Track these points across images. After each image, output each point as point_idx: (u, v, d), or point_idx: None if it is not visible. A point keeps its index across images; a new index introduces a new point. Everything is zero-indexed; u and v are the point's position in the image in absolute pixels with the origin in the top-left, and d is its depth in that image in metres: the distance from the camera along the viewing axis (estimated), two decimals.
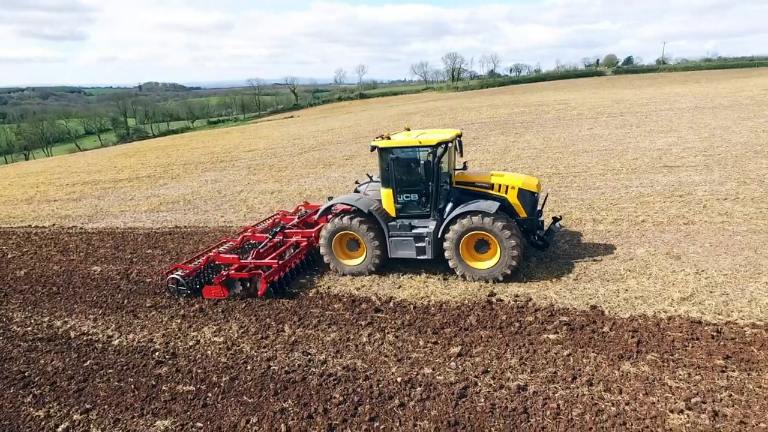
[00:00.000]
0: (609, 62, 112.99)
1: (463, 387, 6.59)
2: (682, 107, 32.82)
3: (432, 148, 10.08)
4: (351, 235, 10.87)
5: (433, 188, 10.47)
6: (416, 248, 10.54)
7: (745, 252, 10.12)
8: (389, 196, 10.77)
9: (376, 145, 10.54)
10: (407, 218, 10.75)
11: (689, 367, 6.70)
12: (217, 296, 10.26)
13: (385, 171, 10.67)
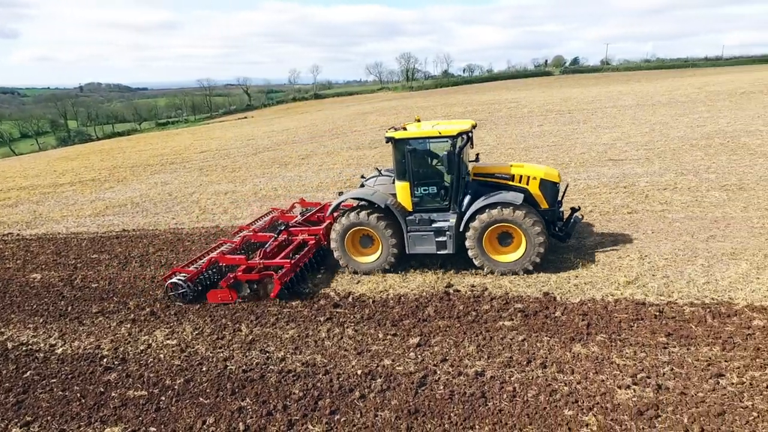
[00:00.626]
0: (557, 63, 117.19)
1: (422, 376, 6.66)
2: (625, 105, 34.50)
3: (452, 139, 9.75)
4: (365, 231, 10.39)
5: (454, 180, 10.06)
6: (436, 243, 10.17)
7: (683, 237, 10.74)
8: (406, 190, 10.23)
9: (391, 137, 10.03)
10: (425, 212, 10.27)
11: (635, 345, 7.04)
12: (225, 300, 9.59)
13: (401, 163, 10.16)
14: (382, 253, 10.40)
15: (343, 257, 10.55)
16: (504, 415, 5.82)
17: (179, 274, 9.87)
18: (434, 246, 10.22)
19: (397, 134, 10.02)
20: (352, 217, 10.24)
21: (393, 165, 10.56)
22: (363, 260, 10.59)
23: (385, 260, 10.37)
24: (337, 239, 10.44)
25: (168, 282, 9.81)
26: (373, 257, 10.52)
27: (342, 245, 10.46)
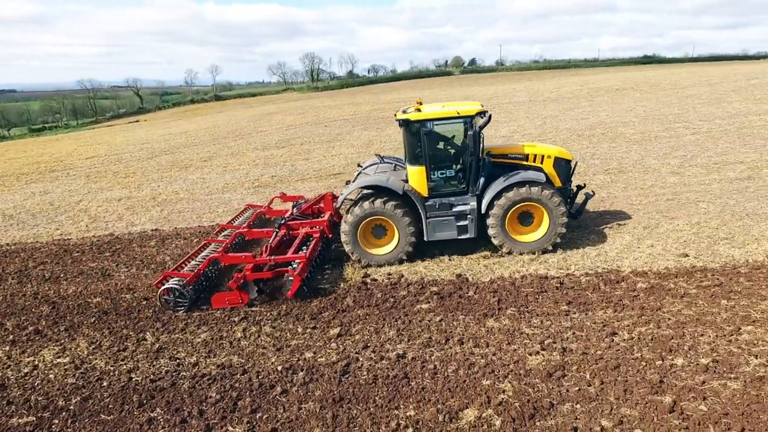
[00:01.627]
0: (456, 63, 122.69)
1: (345, 364, 6.59)
2: (519, 101, 37.04)
3: (471, 119, 9.44)
4: (378, 221, 9.84)
5: (473, 162, 9.68)
6: (457, 228, 9.84)
7: None
8: (421, 174, 9.72)
9: (406, 118, 9.56)
10: (442, 197, 9.85)
11: (541, 315, 7.55)
12: (234, 304, 8.56)
13: (416, 146, 9.69)
14: (399, 242, 9.86)
15: (356, 250, 9.91)
16: (427, 392, 5.94)
17: (174, 279, 8.76)
18: (455, 231, 9.89)
19: (413, 116, 9.55)
20: (367, 207, 9.62)
21: (405, 149, 10.12)
22: (377, 252, 10.02)
23: (402, 250, 9.87)
24: (349, 231, 9.75)
25: (162, 289, 8.64)
26: (389, 248, 9.98)
27: (354, 237, 9.79)
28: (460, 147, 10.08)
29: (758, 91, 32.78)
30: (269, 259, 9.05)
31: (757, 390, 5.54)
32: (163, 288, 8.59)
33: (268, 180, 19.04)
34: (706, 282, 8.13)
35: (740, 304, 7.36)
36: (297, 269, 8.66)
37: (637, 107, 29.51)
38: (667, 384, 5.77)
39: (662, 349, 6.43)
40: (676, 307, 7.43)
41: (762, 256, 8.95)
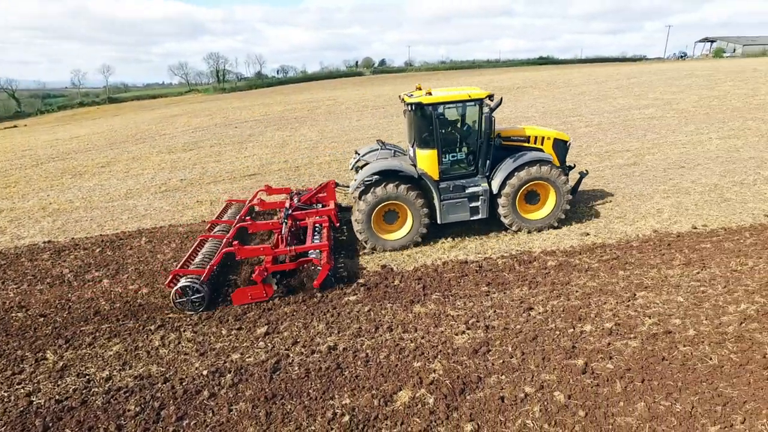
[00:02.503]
0: (367, 64, 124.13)
1: (275, 362, 6.42)
2: None
3: (482, 102, 9.61)
4: (390, 206, 9.83)
5: (484, 144, 9.81)
6: (470, 209, 10.02)
7: None
8: (432, 158, 9.73)
9: (419, 102, 9.43)
10: (451, 179, 9.94)
11: (464, 297, 7.88)
12: (257, 299, 8.06)
13: (426, 130, 9.65)
14: (412, 226, 9.93)
15: (370, 237, 9.85)
16: (361, 379, 5.96)
17: (187, 277, 8.04)
18: (468, 212, 10.07)
19: (426, 99, 9.45)
20: (380, 192, 9.57)
21: (413, 133, 10.03)
22: (390, 237, 10.01)
23: (416, 233, 9.96)
24: (362, 217, 9.69)
25: (175, 289, 7.90)
26: (402, 232, 10.03)
27: (368, 224, 9.74)
28: (470, 130, 10.11)
29: (637, 88, 36.71)
30: (289, 250, 8.60)
31: (652, 345, 6.22)
32: (177, 288, 7.93)
33: (177, 183, 17.97)
34: (605, 256, 8.97)
35: (634, 273, 8.21)
36: (323, 258, 8.41)
37: (537, 104, 31.77)
38: (578, 349, 6.29)
39: (572, 319, 6.99)
40: (581, 280, 8.12)
41: (649, 231, 10.04)
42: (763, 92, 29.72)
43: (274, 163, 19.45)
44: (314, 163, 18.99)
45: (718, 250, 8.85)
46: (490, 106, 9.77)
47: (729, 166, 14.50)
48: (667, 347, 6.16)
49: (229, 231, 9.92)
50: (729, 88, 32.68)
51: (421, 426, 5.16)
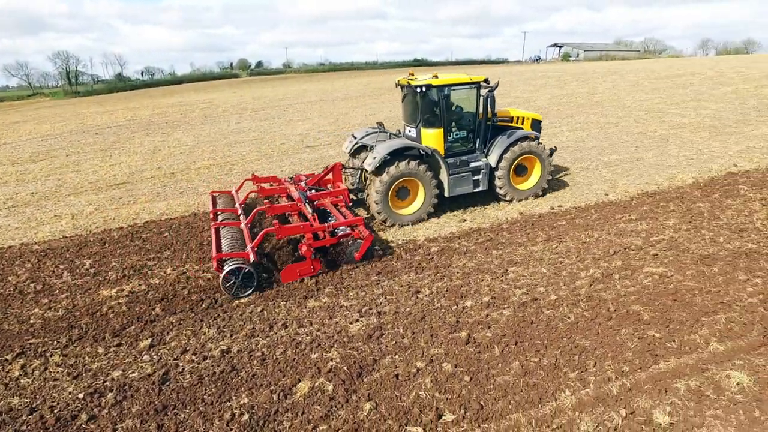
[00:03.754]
0: (242, 65, 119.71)
1: (163, 373, 6.07)
2: (311, 101, 38.19)
3: (479, 84, 10.83)
4: (403, 183, 10.60)
5: (482, 124, 11.08)
6: (473, 182, 11.19)
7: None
8: (439, 136, 10.80)
9: (428, 84, 10.37)
10: (455, 156, 11.06)
11: (356, 288, 8.13)
12: (305, 274, 8.47)
13: (433, 110, 10.73)
14: (424, 201, 10.78)
15: (386, 212, 10.54)
16: (258, 377, 5.90)
17: (234, 260, 8.02)
18: (471, 185, 11.25)
19: (435, 81, 10.38)
20: (394, 170, 10.21)
21: (419, 114, 10.88)
22: (404, 212, 10.84)
23: (427, 207, 10.87)
24: (381, 193, 10.32)
25: (225, 273, 7.81)
26: (414, 207, 10.87)
27: (386, 200, 10.42)
28: (471, 110, 11.22)
29: (502, 88, 40.18)
30: (327, 226, 8.88)
31: (522, 312, 7.02)
32: (226, 272, 7.81)
33: (27, 198, 15.83)
34: (481, 239, 9.83)
35: (506, 252, 9.13)
36: (364, 232, 8.90)
37: None
38: (461, 322, 6.87)
39: (455, 297, 7.60)
40: (461, 262, 8.83)
41: (516, 214, 11.20)
42: (600, 91, 34.46)
43: (145, 171, 18.04)
44: (192, 169, 18.00)
45: (571, 226, 10.18)
46: (489, 87, 10.91)
47: (577, 154, 16.66)
48: (534, 312, 6.99)
49: (237, 217, 10.26)
50: (575, 87, 37.34)
51: (321, 413, 5.27)
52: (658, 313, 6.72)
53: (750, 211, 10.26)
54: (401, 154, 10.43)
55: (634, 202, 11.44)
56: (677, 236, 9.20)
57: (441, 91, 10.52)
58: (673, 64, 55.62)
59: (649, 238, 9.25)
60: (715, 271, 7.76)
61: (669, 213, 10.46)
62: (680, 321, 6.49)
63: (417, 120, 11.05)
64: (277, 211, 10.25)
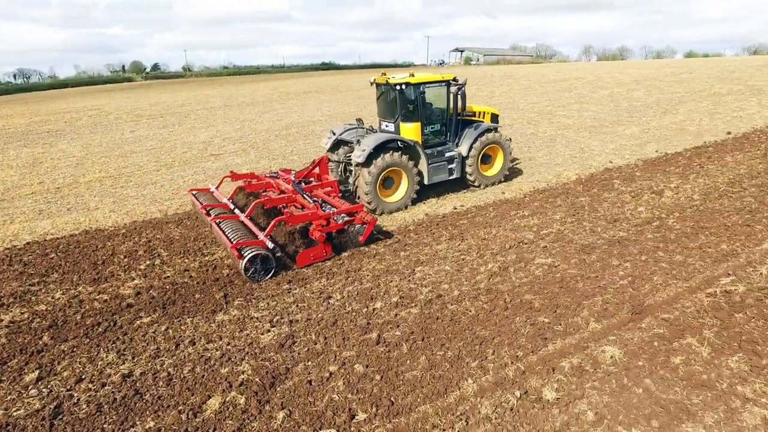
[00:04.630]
0: (136, 68, 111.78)
1: (55, 407, 5.61)
2: (214, 106, 36.72)
3: (449, 83, 12.14)
4: (389, 173, 11.54)
5: (453, 118, 12.47)
6: (448, 170, 12.47)
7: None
8: (417, 129, 11.93)
9: (406, 82, 11.47)
10: (431, 147, 12.23)
11: (267, 298, 8.06)
12: (318, 259, 9.23)
13: (410, 106, 11.77)
14: (408, 189, 11.85)
15: (375, 200, 11.40)
16: (165, 398, 5.67)
17: (251, 248, 8.52)
18: (447, 173, 12.55)
19: (412, 80, 11.51)
20: (381, 161, 11.17)
21: (397, 109, 11.88)
22: (390, 200, 11.81)
23: (410, 195, 11.96)
24: (370, 183, 11.19)
25: (245, 260, 8.32)
26: (398, 195, 11.89)
27: (375, 188, 11.30)
28: (442, 106, 12.49)
29: None
30: (332, 213, 9.53)
31: (428, 309, 7.41)
32: (247, 259, 8.33)
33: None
34: (389, 241, 10.17)
35: (413, 252, 9.54)
36: (367, 217, 9.75)
37: (323, 108, 33.40)
38: (372, 324, 7.10)
39: (366, 299, 7.82)
40: (371, 265, 9.09)
41: (422, 215, 11.71)
42: (497, 94, 36.85)
43: (24, 186, 16.31)
44: (81, 182, 16.59)
45: (472, 224, 10.87)
46: (458, 85, 12.20)
47: None
48: (439, 308, 7.41)
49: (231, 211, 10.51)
50: (475, 91, 39.47)
51: (234, 426, 5.21)
52: (547, 300, 7.44)
53: (622, 202, 11.63)
54: (384, 146, 11.38)
55: (527, 199, 12.47)
56: (563, 228, 10.20)
57: (417, 88, 11.74)
58: (560, 69, 60.95)
59: (540, 231, 10.15)
60: (594, 258, 8.73)
61: (556, 208, 11.55)
62: (565, 306, 7.24)
63: (396, 115, 12.08)
64: (276, 203, 10.60)
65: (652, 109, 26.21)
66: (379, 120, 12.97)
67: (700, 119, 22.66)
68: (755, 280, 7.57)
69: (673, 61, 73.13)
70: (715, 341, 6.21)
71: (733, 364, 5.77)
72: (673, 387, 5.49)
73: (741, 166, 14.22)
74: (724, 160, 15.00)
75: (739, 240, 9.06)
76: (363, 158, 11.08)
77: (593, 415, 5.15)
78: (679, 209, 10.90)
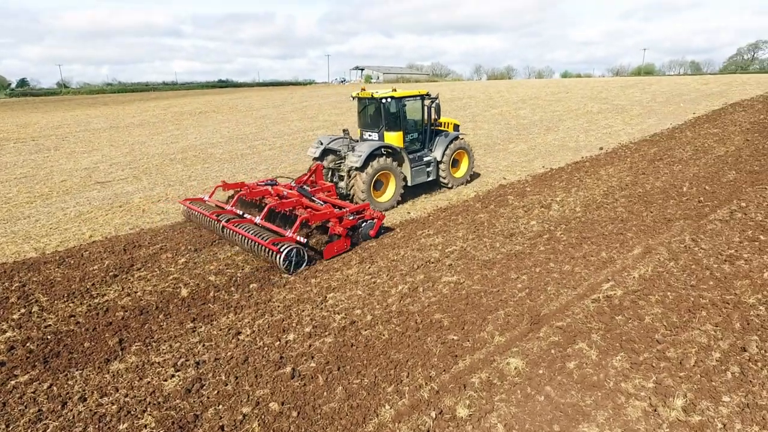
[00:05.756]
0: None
1: None
2: (98, 128, 33.77)
3: (424, 96, 13.95)
4: (379, 176, 12.98)
5: (428, 127, 14.33)
6: (427, 173, 14.23)
7: (197, 238, 12.00)
8: (399, 137, 13.58)
9: (390, 96, 13.16)
10: (412, 153, 13.89)
11: (169, 340, 7.52)
12: (340, 251, 10.57)
13: (394, 117, 13.46)
14: (395, 190, 13.45)
15: (369, 200, 12.52)
16: None
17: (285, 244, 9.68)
18: (426, 176, 14.42)
19: (397, 94, 13.27)
20: (375, 165, 12.67)
21: (382, 120, 13.51)
22: (381, 200, 13.30)
23: (397, 196, 13.60)
24: (366, 185, 12.55)
25: (283, 254, 9.52)
26: (387, 196, 13.46)
27: (369, 189, 12.66)
28: (419, 117, 14.36)
29: (310, 111, 41.49)
30: (345, 211, 10.79)
31: (342, 337, 7.39)
32: (285, 253, 9.50)
33: None
34: (300, 267, 9.99)
35: (324, 279, 9.47)
36: (375, 213, 11.32)
37: (222, 129, 32.19)
38: (285, 357, 6.92)
39: (277, 332, 7.61)
40: (282, 295, 8.87)
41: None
42: None
43: None
44: None
45: (381, 246, 11.07)
46: (431, 98, 14.03)
47: None
48: (353, 335, 7.42)
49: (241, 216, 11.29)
50: None
51: None
52: (455, 317, 7.77)
53: (516, 217, 12.57)
54: (376, 152, 12.95)
55: (431, 218, 12.99)
56: (465, 246, 10.76)
57: (400, 101, 13.58)
58: (455, 88, 64.62)
59: (445, 249, 10.61)
60: (495, 273, 9.31)
61: (458, 225, 12.17)
62: (472, 322, 7.62)
63: (380, 125, 13.74)
64: (287, 207, 11.42)
65: (537, 127, 28.74)
66: (361, 131, 14.56)
67: (578, 136, 25.28)
68: (629, 284, 8.56)
69: (552, 81, 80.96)
70: (602, 343, 6.90)
71: (617, 363, 6.45)
72: (569, 391, 5.99)
73: (612, 178, 16.07)
74: (598, 173, 16.85)
75: (614, 248, 10.20)
76: (360, 163, 12.56)
77: (503, 428, 5.45)
78: (565, 221, 12.02)
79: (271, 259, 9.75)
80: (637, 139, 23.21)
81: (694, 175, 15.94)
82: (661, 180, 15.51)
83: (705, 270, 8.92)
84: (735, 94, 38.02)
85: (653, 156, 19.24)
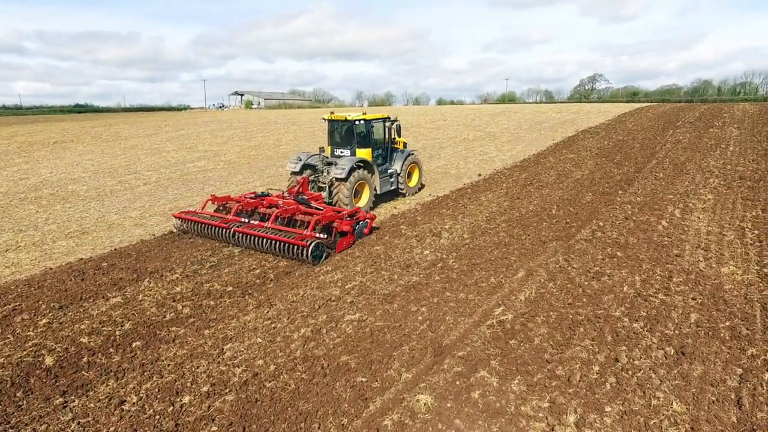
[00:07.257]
0: None
1: None
2: None
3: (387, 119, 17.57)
4: (358, 186, 15.86)
5: (390, 145, 18.02)
6: (390, 182, 17.81)
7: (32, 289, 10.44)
8: (369, 153, 16.76)
9: (362, 119, 16.45)
10: (379, 166, 17.18)
11: (32, 422, 6.41)
12: (348, 245, 12.92)
13: (364, 136, 16.66)
14: (369, 197, 16.48)
15: (351, 206, 15.00)
16: None
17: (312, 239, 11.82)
18: (389, 185, 17.75)
19: (367, 116, 16.57)
20: (356, 175, 15.61)
21: (354, 139, 16.56)
22: (359, 205, 15.88)
23: (370, 202, 16.58)
24: (350, 191, 15.36)
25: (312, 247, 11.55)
26: (363, 202, 16.35)
27: (351, 197, 15.45)
28: (382, 137, 17.49)
29: (187, 140, 39.12)
30: (343, 213, 13.30)
31: (245, 392, 6.90)
32: (312, 246, 11.54)
33: None
34: (190, 318, 9.20)
35: (218, 328, 8.82)
36: (367, 214, 14.08)
37: (84, 161, 29.02)
38: (182, 424, 6.26)
39: (170, 395, 6.87)
40: (171, 352, 8.06)
41: (219, 283, 10.96)
42: (284, 141, 37.62)
43: None
44: None
45: (279, 287, 10.66)
46: (391, 120, 17.44)
47: None
48: (257, 389, 6.97)
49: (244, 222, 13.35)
50: (261, 139, 39.63)
51: None
52: (362, 357, 7.70)
53: (410, 247, 12.96)
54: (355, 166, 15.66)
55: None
56: (365, 280, 10.80)
57: (369, 123, 16.62)
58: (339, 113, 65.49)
59: (345, 286, 10.54)
60: (396, 306, 9.45)
61: (356, 259, 12.20)
62: (379, 360, 7.61)
63: (352, 144, 16.53)
64: (290, 213, 13.32)
65: (420, 155, 30.23)
66: (332, 149, 17.27)
67: (458, 163, 27.09)
68: (518, 307, 9.24)
69: (429, 108, 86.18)
70: (500, 369, 7.30)
71: (515, 387, 6.86)
72: (476, 421, 6.22)
73: (492, 204, 17.41)
74: (479, 200, 18.16)
75: (501, 272, 10.98)
76: (344, 174, 15.18)
77: None
78: (455, 249, 12.69)
79: (296, 253, 11.68)
80: (509, 165, 25.55)
81: (559, 198, 17.92)
82: (534, 204, 17.18)
83: (578, 288, 9.98)
84: (583, 121, 43.88)
85: (524, 181, 21.28)
